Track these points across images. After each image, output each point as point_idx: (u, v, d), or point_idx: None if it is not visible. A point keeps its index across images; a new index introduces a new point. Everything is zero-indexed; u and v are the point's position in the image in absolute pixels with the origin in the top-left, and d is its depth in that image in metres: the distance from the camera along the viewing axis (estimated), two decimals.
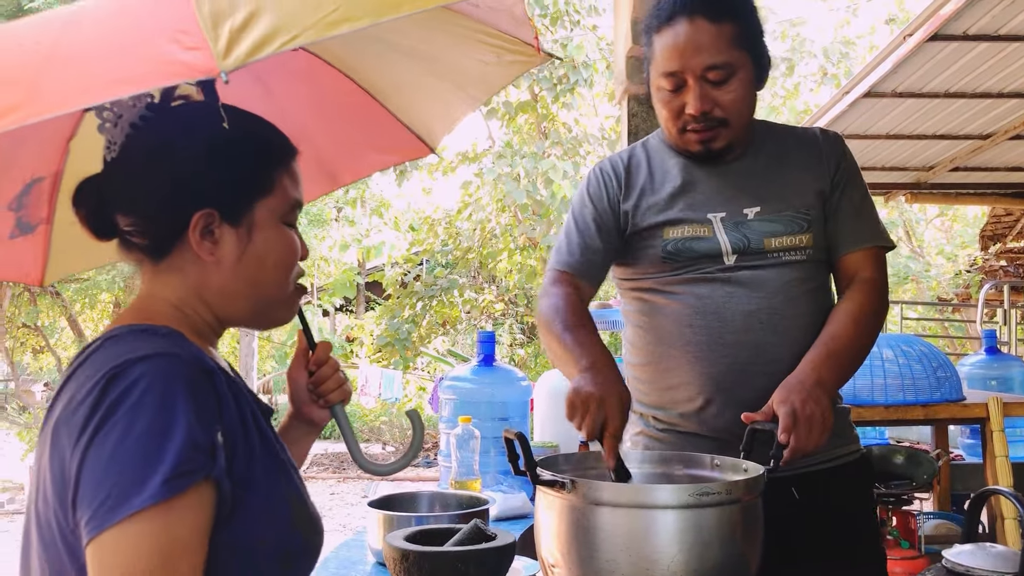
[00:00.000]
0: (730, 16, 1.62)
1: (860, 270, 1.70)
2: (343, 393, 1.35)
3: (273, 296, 1.16)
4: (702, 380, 1.65)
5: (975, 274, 10.62)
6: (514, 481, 2.56)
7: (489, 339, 2.83)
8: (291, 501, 1.09)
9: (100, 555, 0.93)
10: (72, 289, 10.56)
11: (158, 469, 0.92)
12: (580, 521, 1.21)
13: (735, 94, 1.63)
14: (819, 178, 1.71)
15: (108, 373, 0.96)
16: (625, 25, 3.74)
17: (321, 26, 0.93)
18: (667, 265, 1.69)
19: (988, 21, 4.88)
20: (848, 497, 1.69)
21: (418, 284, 11.98)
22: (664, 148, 1.77)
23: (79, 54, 0.97)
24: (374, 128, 1.68)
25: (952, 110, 6.29)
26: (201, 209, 1.08)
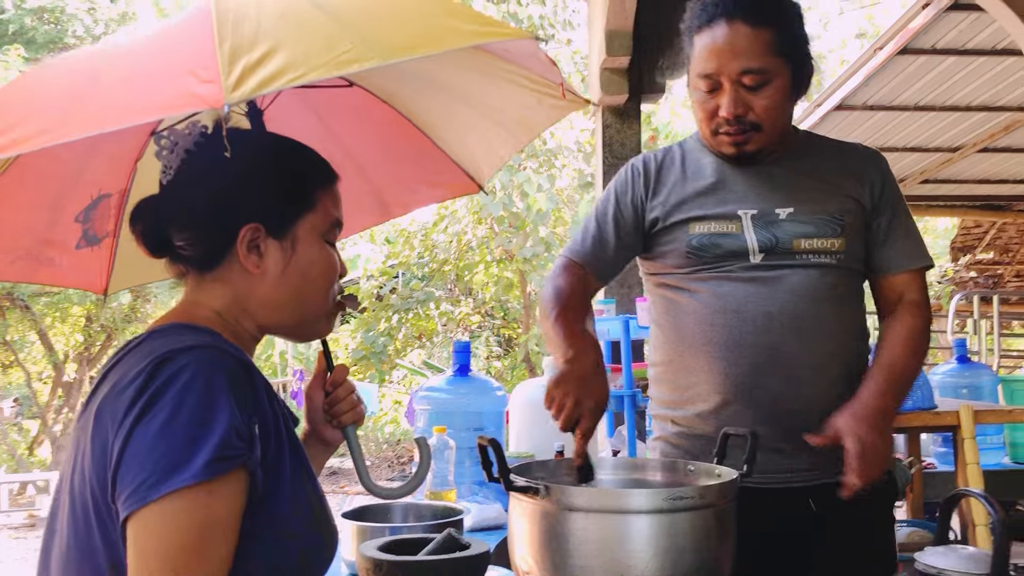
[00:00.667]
0: (771, 22, 1.61)
1: (907, 291, 1.72)
2: (356, 415, 1.42)
3: (314, 308, 1.24)
4: (719, 380, 1.64)
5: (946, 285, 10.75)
6: (489, 492, 2.55)
7: (464, 349, 2.83)
8: (312, 502, 1.16)
9: (141, 529, 0.99)
10: (42, 303, 10.42)
11: (202, 451, 0.99)
12: (553, 527, 1.20)
13: (769, 100, 1.62)
14: (858, 189, 1.70)
15: (155, 360, 1.03)
16: (599, 37, 3.77)
17: (332, 65, 1.00)
18: (691, 260, 1.68)
19: (955, 36, 4.97)
20: (868, 510, 1.66)
21: (394, 297, 11.93)
22: (699, 147, 1.77)
23: (110, 84, 1.08)
24: (426, 163, 1.76)
25: (922, 123, 6.39)
26: (248, 224, 1.17)
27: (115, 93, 1.06)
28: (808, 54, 1.68)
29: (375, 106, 1.67)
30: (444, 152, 1.75)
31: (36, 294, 9.96)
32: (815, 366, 1.61)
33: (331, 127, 1.72)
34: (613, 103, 3.89)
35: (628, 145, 3.82)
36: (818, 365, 1.62)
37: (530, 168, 10.81)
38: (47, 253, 1.55)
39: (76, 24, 12.89)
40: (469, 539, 1.45)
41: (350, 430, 1.42)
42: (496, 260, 11.47)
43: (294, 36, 1.04)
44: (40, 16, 13.13)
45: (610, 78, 3.79)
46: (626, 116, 3.91)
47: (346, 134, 1.74)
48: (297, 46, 1.01)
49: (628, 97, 3.86)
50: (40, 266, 1.57)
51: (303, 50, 1.01)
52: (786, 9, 1.66)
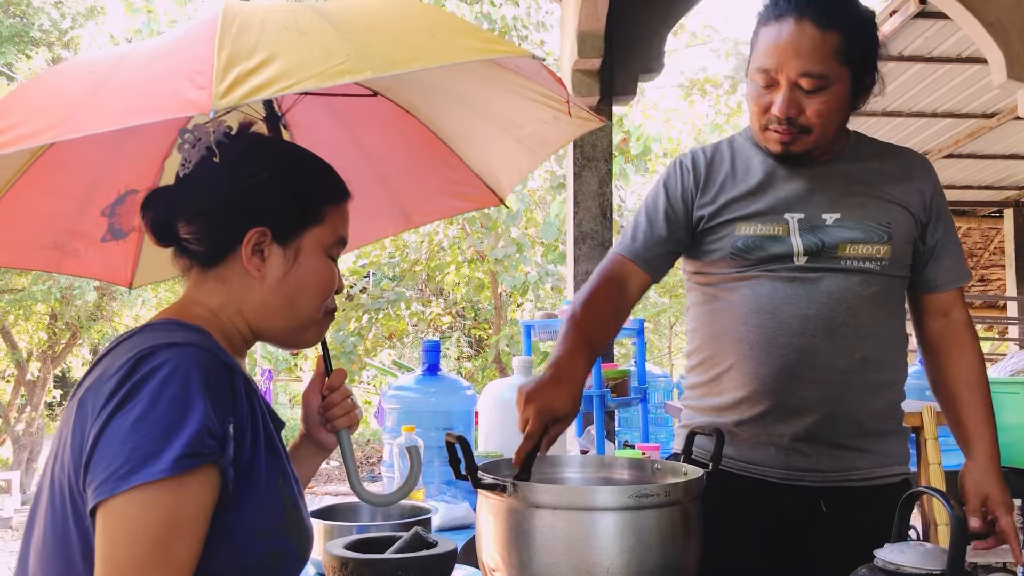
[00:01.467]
0: (839, 26, 1.55)
1: (954, 309, 1.73)
2: (350, 420, 1.44)
3: (306, 317, 1.26)
4: (748, 379, 1.63)
5: None
6: (458, 491, 2.54)
7: (434, 348, 2.82)
8: (286, 504, 1.17)
9: (109, 519, 1.01)
10: (6, 300, 10.26)
11: (173, 446, 1.00)
12: (520, 524, 1.21)
13: (824, 105, 1.57)
14: (907, 197, 1.68)
15: (139, 354, 1.05)
16: (571, 39, 3.78)
17: (324, 75, 1.03)
18: (735, 261, 1.67)
19: (922, 43, 5.05)
20: (879, 517, 1.61)
21: (364, 296, 11.89)
22: (749, 145, 1.75)
23: (116, 86, 1.12)
24: (448, 174, 1.81)
25: (888, 128, 6.48)
26: (256, 227, 1.20)
27: (117, 95, 1.10)
28: (874, 65, 1.64)
29: (400, 117, 1.71)
30: (466, 164, 1.79)
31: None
32: (845, 370, 1.61)
33: (356, 136, 1.77)
34: (584, 104, 3.91)
35: (599, 146, 3.84)
36: (849, 369, 1.61)
37: None
38: (72, 244, 1.61)
39: (43, 17, 12.70)
40: (436, 537, 1.46)
41: (344, 435, 1.43)
42: (467, 260, 11.47)
43: (294, 46, 1.07)
44: (6, 9, 12.93)
45: (581, 79, 3.81)
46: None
47: (371, 143, 1.78)
48: (294, 56, 1.04)
49: (599, 99, 3.88)
50: (65, 256, 1.62)
51: (299, 60, 1.03)
52: (857, 15, 1.62)
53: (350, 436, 1.44)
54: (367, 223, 1.94)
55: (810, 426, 1.60)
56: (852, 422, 1.62)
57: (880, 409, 1.67)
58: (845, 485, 1.64)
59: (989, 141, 6.81)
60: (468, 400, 2.81)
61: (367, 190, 1.87)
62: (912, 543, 1.18)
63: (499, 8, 10.79)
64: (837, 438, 1.62)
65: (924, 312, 1.75)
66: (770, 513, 1.48)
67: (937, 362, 1.74)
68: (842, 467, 1.63)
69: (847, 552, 1.58)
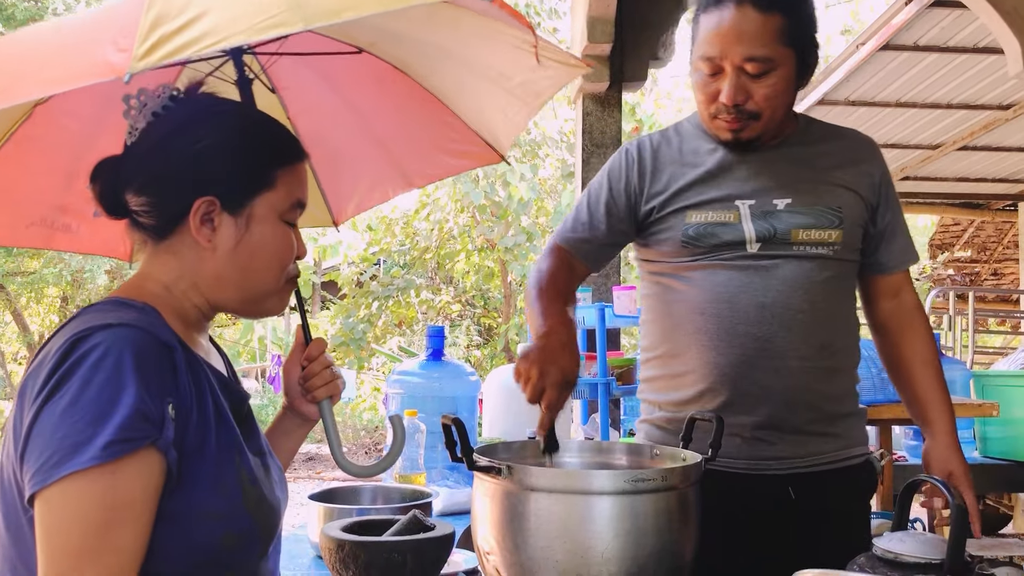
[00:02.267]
0: (780, 9, 1.55)
1: (903, 289, 1.77)
2: (331, 389, 1.41)
3: (263, 287, 1.21)
4: (707, 369, 1.63)
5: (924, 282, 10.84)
6: (460, 476, 2.54)
7: (438, 333, 2.81)
8: (242, 481, 1.13)
9: (43, 509, 0.98)
10: (18, 283, 10.32)
11: (102, 432, 0.97)
12: (515, 507, 1.20)
13: (771, 89, 1.57)
14: (857, 180, 1.68)
15: (72, 338, 1.02)
16: (581, 24, 3.75)
17: (254, 30, 1.00)
18: (687, 250, 1.66)
19: (937, 32, 4.99)
20: (846, 499, 1.69)
21: (374, 284, 11.90)
22: (698, 132, 1.73)
23: (46, 53, 1.10)
24: (445, 132, 1.78)
25: (903, 119, 6.42)
26: (203, 196, 1.15)
27: (46, 62, 1.08)
28: (815, 43, 1.64)
29: (390, 75, 1.68)
30: (463, 121, 1.75)
31: (11, 274, 9.86)
32: (804, 356, 1.62)
33: (347, 97, 1.73)
34: (594, 91, 3.88)
35: (608, 133, 3.81)
36: (807, 356, 1.62)
37: (513, 157, 10.80)
38: (62, 220, 1.59)
39: (57, 1, 12.72)
40: (434, 521, 1.45)
41: (325, 405, 1.41)
42: (477, 249, 11.46)
43: (226, 2, 1.03)
44: None
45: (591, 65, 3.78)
46: (607, 104, 3.90)
47: (363, 104, 1.75)
48: (225, 12, 1.01)
49: (609, 85, 3.85)
50: (55, 232, 1.60)
51: (230, 15, 1.00)
52: None
53: (331, 406, 1.43)
54: (368, 187, 1.92)
55: (772, 414, 1.60)
56: (812, 407, 1.64)
57: (838, 393, 1.69)
58: (812, 470, 1.65)
59: (1004, 133, 6.74)
60: (472, 386, 2.80)
61: (364, 153, 1.84)
62: (912, 532, 1.17)
63: None
64: (799, 424, 1.64)
65: (875, 294, 1.78)
66: (740, 504, 1.49)
67: (890, 342, 1.78)
68: (807, 452, 1.65)
69: (818, 535, 1.62)
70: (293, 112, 1.75)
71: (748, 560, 1.60)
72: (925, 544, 1.13)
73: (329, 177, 1.86)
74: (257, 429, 1.26)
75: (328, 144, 1.82)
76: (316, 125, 1.78)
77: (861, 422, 1.76)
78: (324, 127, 1.79)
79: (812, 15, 1.63)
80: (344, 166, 1.87)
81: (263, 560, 1.18)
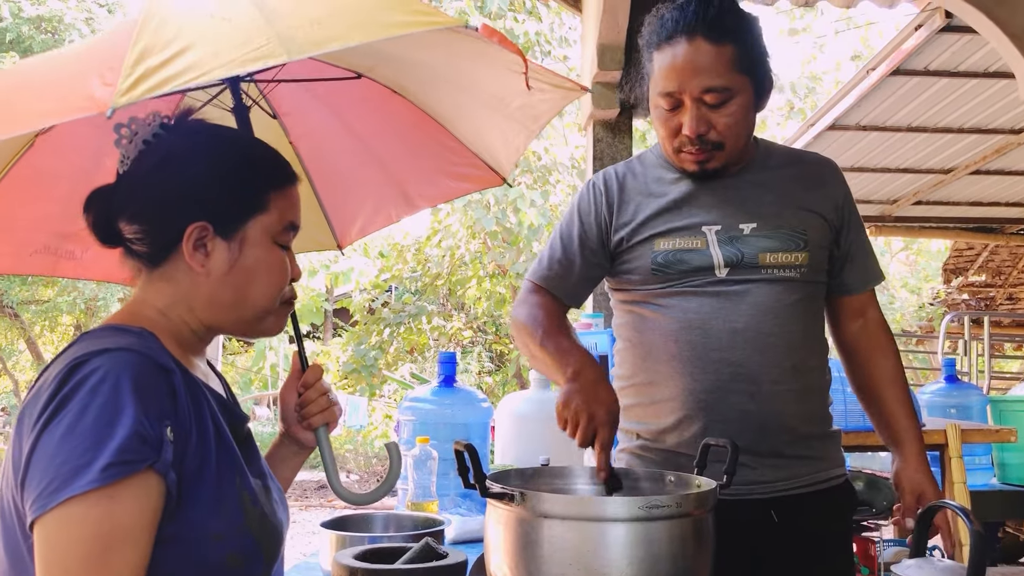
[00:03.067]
0: (731, 38, 1.59)
1: (868, 308, 1.79)
2: (327, 416, 1.41)
3: (258, 309, 1.21)
4: (683, 396, 1.64)
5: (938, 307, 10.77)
6: (473, 504, 2.52)
7: (450, 360, 2.80)
8: (243, 501, 1.12)
9: (43, 536, 0.97)
10: (31, 311, 10.38)
11: (100, 456, 0.97)
12: (529, 534, 1.18)
13: (732, 118, 1.61)
14: (820, 203, 1.71)
15: (70, 364, 1.03)
16: (591, 51, 3.77)
17: (238, 62, 1.01)
18: (657, 277, 1.68)
19: (948, 57, 4.99)
20: (827, 521, 1.70)
21: (386, 310, 11.91)
22: (661, 162, 1.76)
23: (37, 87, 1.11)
24: (447, 156, 1.80)
25: (915, 144, 6.41)
26: (196, 222, 1.15)
27: (37, 96, 1.09)
28: (768, 67, 1.67)
29: (390, 99, 1.69)
30: (463, 144, 1.77)
31: (26, 302, 9.92)
32: (777, 380, 1.63)
33: (348, 121, 1.75)
34: (604, 117, 3.89)
35: (620, 159, 3.81)
36: (780, 379, 1.64)
37: (524, 184, 10.83)
38: (66, 247, 1.61)
39: (73, 33, 12.89)
40: (447, 549, 1.44)
41: (321, 432, 1.41)
42: (489, 275, 11.47)
43: (213, 34, 1.05)
44: (38, 25, 13.14)
45: (602, 92, 3.79)
46: (617, 130, 3.91)
47: (364, 128, 1.77)
48: (210, 45, 1.02)
49: (619, 111, 3.86)
50: (60, 260, 1.62)
51: (214, 49, 1.01)
52: (746, 23, 1.64)
53: (328, 434, 1.41)
54: (372, 210, 1.93)
55: (748, 437, 1.61)
56: (788, 430, 1.66)
57: (812, 415, 1.71)
58: (793, 493, 1.66)
59: (1017, 157, 6.72)
60: (484, 412, 2.78)
61: (367, 176, 1.85)
62: (931, 559, 1.15)
63: (522, 24, 10.83)
64: (776, 446, 1.65)
65: (840, 315, 1.80)
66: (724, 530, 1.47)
67: (857, 363, 1.81)
68: (787, 476, 1.66)
69: (801, 558, 1.63)
70: (294, 136, 1.76)
71: None
72: (944, 571, 1.11)
73: (333, 201, 1.87)
74: (257, 451, 1.27)
75: (331, 168, 1.83)
76: (318, 150, 1.80)
77: (837, 443, 1.78)
78: (326, 151, 1.81)
79: (761, 41, 1.66)
80: (347, 189, 1.88)
81: None
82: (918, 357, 11.19)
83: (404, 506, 2.33)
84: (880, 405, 1.78)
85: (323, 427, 1.40)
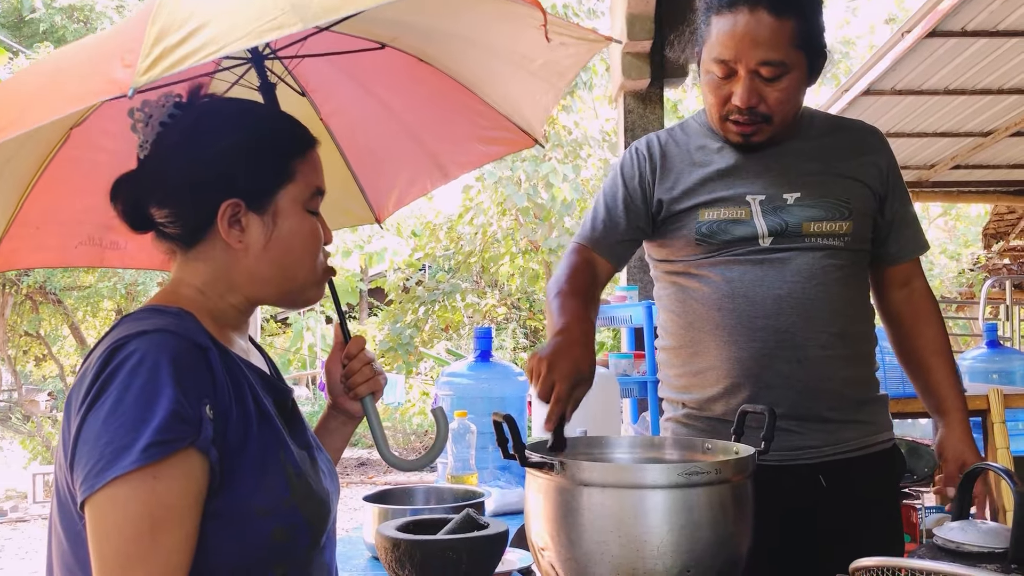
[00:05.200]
0: (793, 13, 1.57)
1: (913, 278, 1.78)
2: (373, 385, 1.42)
3: (301, 279, 1.22)
4: (730, 364, 1.65)
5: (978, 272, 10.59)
6: (512, 476, 2.55)
7: (486, 335, 2.82)
8: (288, 475, 1.14)
9: (93, 515, 1.00)
10: (74, 297, 10.58)
11: (142, 436, 0.99)
12: (569, 502, 1.20)
13: (784, 92, 1.60)
14: (864, 171, 1.70)
15: (110, 347, 1.05)
16: (620, 21, 3.74)
17: (254, 34, 1.01)
18: (700, 247, 1.68)
19: (986, 17, 4.88)
20: (876, 485, 1.70)
21: (420, 289, 11.98)
22: (704, 130, 1.75)
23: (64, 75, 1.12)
24: (477, 120, 1.78)
25: (952, 107, 6.28)
26: (228, 199, 1.15)
27: (64, 83, 1.10)
28: (824, 44, 1.65)
29: (415, 67, 1.69)
30: (492, 107, 1.76)
31: (68, 288, 10.11)
32: (823, 346, 1.63)
33: (376, 93, 1.75)
34: (635, 88, 3.86)
35: (651, 130, 3.78)
36: (826, 345, 1.63)
37: (555, 159, 10.79)
38: (110, 237, 1.63)
39: (104, 21, 13.02)
40: (488, 520, 1.45)
41: (368, 401, 1.43)
42: (521, 251, 11.48)
43: (228, 10, 1.05)
44: (70, 15, 13.29)
45: (631, 62, 3.76)
46: (648, 101, 3.89)
47: (393, 99, 1.76)
48: (226, 19, 1.02)
49: (650, 81, 3.83)
50: (104, 250, 1.64)
51: (230, 23, 1.01)
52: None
53: (374, 402, 1.44)
54: (407, 181, 1.92)
55: (796, 404, 1.61)
56: (835, 395, 1.66)
57: (859, 379, 1.71)
58: (841, 458, 1.66)
59: None
60: (520, 386, 2.80)
61: (399, 147, 1.85)
62: (973, 521, 1.15)
63: None
64: (824, 412, 1.65)
65: (886, 284, 1.79)
66: (772, 496, 1.46)
67: (902, 332, 1.79)
68: (835, 440, 1.66)
69: (851, 522, 1.64)
70: (325, 113, 1.76)
71: (783, 550, 1.60)
72: (987, 534, 1.10)
73: (368, 174, 1.87)
74: (304, 423, 1.28)
75: (363, 142, 1.83)
76: (349, 124, 1.79)
77: (884, 408, 1.77)
78: (357, 125, 1.80)
79: (821, 18, 1.65)
80: (381, 162, 1.88)
81: (315, 552, 1.19)
82: (958, 323, 11.03)
83: (444, 479, 2.36)
84: (925, 374, 1.77)
85: (369, 396, 1.42)
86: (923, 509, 3.06)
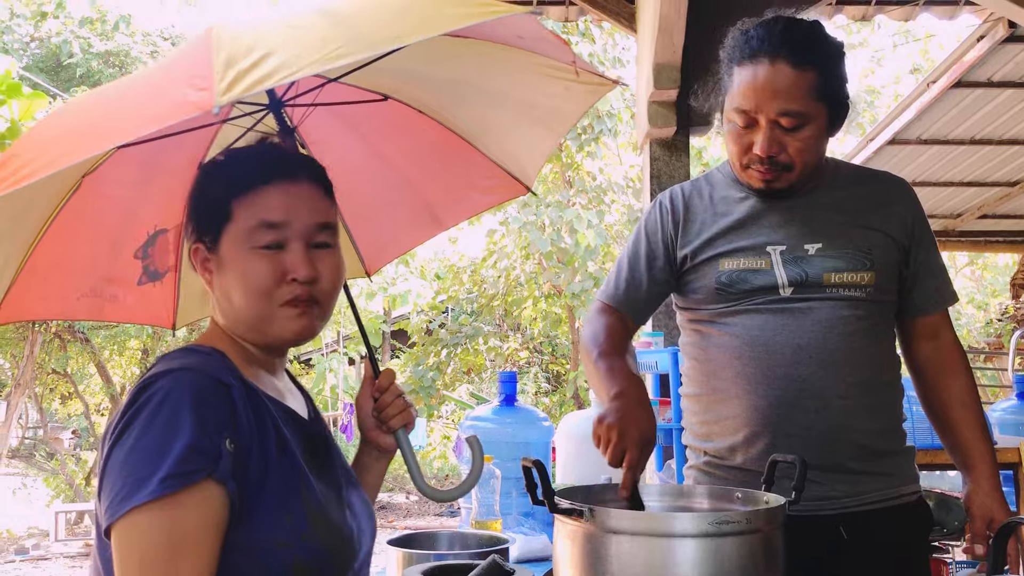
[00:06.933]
0: (814, 65, 1.59)
1: (941, 330, 1.76)
2: (405, 417, 1.43)
3: (255, 316, 1.21)
4: (749, 413, 1.64)
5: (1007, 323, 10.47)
6: (536, 523, 2.53)
7: (511, 379, 2.82)
8: (308, 510, 1.16)
9: (116, 542, 1.05)
10: (101, 336, 10.68)
11: (160, 468, 1.04)
12: (598, 550, 1.19)
13: (804, 142, 1.61)
14: (887, 223, 1.70)
15: (141, 384, 1.12)
16: (647, 70, 3.78)
17: (321, 60, 1.04)
18: (721, 296, 1.69)
19: (1012, 68, 4.89)
20: (900, 539, 1.67)
21: (443, 331, 11.99)
22: (728, 181, 1.77)
23: (120, 108, 1.17)
24: (472, 170, 1.80)
25: (978, 157, 6.27)
26: (193, 243, 1.25)
27: (123, 114, 1.15)
28: (846, 95, 1.66)
29: (414, 119, 1.71)
30: (487, 157, 1.78)
31: (95, 327, 10.21)
32: (843, 396, 1.62)
33: (375, 144, 1.77)
34: (661, 136, 3.88)
35: (676, 177, 3.80)
36: (846, 395, 1.62)
37: (579, 204, 10.84)
38: (110, 290, 1.63)
39: (139, 67, 13.33)
40: (513, 567, 1.45)
41: (401, 433, 1.43)
42: (544, 296, 11.48)
43: (290, 40, 1.10)
44: (106, 60, 13.61)
45: (657, 111, 3.79)
46: (674, 149, 3.90)
47: (390, 150, 1.79)
48: (290, 48, 1.07)
49: (676, 130, 3.85)
50: (104, 303, 1.64)
51: (296, 52, 1.06)
52: (829, 50, 1.64)
53: (407, 435, 1.44)
54: (401, 234, 1.94)
55: (816, 453, 1.59)
56: (857, 445, 1.64)
57: (882, 430, 1.68)
58: (863, 509, 1.64)
59: None
60: (545, 431, 2.80)
61: (394, 199, 1.86)
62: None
63: (576, 46, 10.88)
64: (844, 462, 1.63)
65: (913, 335, 1.78)
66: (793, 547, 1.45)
67: (928, 384, 1.77)
68: (856, 491, 1.64)
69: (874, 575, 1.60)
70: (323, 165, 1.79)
71: None
72: None
73: (361, 228, 1.88)
74: (335, 461, 1.30)
75: (358, 195, 1.83)
76: (345, 177, 1.79)
77: (910, 460, 1.74)
78: (354, 178, 1.81)
79: (843, 69, 1.66)
80: (375, 215, 1.89)
81: None
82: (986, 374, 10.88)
83: (468, 524, 2.34)
84: (951, 428, 1.74)
85: (402, 429, 1.43)
86: (954, 564, 2.99)
